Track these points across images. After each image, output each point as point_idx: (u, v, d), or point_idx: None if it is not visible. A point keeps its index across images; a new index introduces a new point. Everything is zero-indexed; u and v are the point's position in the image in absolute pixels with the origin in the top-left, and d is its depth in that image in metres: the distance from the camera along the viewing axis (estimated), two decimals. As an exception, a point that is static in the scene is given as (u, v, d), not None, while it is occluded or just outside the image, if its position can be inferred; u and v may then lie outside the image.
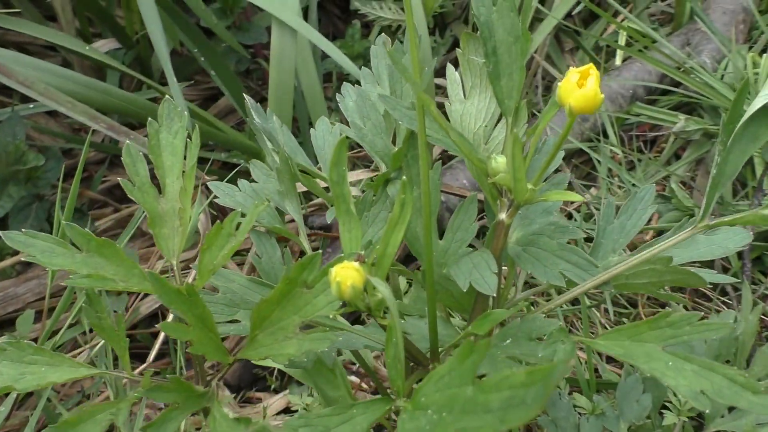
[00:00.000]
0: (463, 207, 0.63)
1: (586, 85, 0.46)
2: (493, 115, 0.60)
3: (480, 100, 0.60)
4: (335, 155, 0.50)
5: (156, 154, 0.56)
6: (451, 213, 1.22)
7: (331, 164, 0.50)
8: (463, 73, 0.61)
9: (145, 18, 1.05)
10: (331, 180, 0.50)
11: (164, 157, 0.56)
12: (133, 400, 0.48)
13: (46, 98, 0.96)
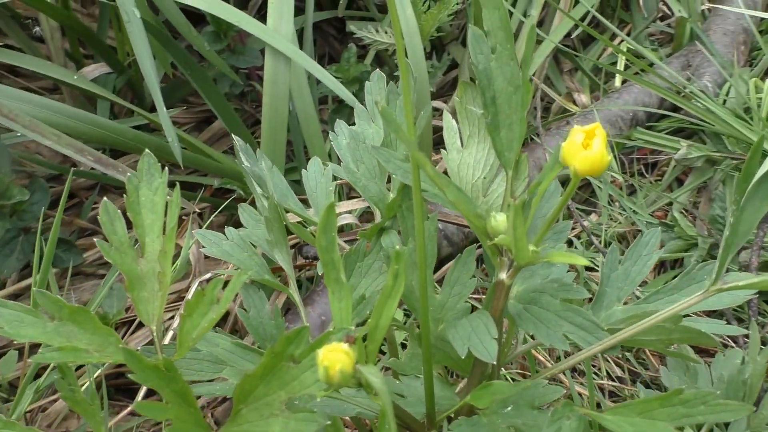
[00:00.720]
0: (461, 260, 0.59)
1: (592, 147, 0.43)
2: (492, 167, 0.57)
3: (478, 150, 0.57)
4: (324, 220, 0.47)
5: (135, 211, 0.53)
6: (448, 241, 1.19)
7: (320, 230, 0.47)
8: (460, 122, 0.58)
9: (134, 47, 1.02)
10: (319, 246, 0.47)
11: (144, 214, 0.53)
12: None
13: (30, 131, 0.93)
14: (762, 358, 0.88)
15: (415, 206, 0.49)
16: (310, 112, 1.23)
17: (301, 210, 0.71)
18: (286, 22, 1.14)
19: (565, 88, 1.57)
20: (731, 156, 1.19)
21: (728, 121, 1.18)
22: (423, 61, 1.23)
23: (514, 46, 0.52)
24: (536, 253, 0.48)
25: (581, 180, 0.55)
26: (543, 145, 1.31)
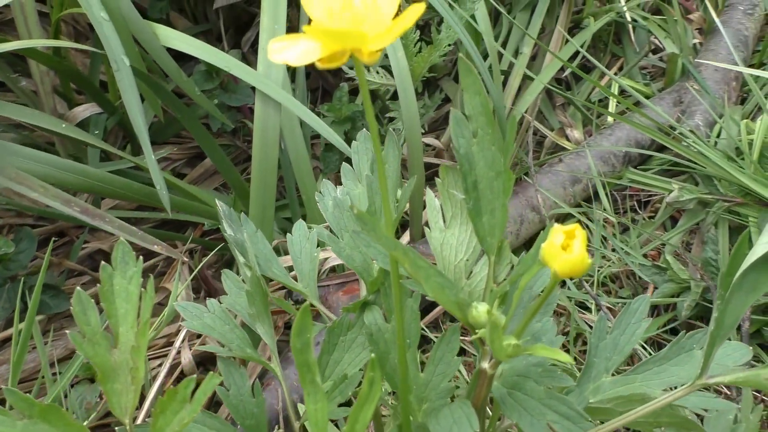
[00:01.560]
0: (445, 338, 0.58)
1: (572, 249, 0.42)
2: (475, 249, 0.56)
3: (461, 231, 0.56)
4: (298, 322, 0.46)
5: (109, 300, 0.52)
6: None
7: (294, 333, 0.46)
8: (443, 203, 0.57)
9: (123, 95, 1.02)
10: (294, 347, 0.46)
11: (118, 303, 0.51)
12: None
13: (17, 183, 0.92)
14: (755, 417, 0.87)
15: (394, 296, 0.48)
16: (301, 151, 1.22)
17: (285, 277, 0.70)
18: (276, 67, 1.13)
19: (558, 122, 1.57)
20: (723, 198, 1.19)
21: (720, 163, 1.17)
22: (414, 103, 1.23)
23: (496, 130, 0.51)
24: (517, 346, 0.47)
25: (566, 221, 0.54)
26: (535, 185, 1.31)
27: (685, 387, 0.51)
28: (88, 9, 1.04)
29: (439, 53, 1.27)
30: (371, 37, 0.37)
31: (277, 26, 1.15)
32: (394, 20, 0.38)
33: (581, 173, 1.37)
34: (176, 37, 1.12)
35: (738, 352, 0.66)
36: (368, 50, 0.38)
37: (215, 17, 1.64)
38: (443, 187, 0.56)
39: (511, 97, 1.47)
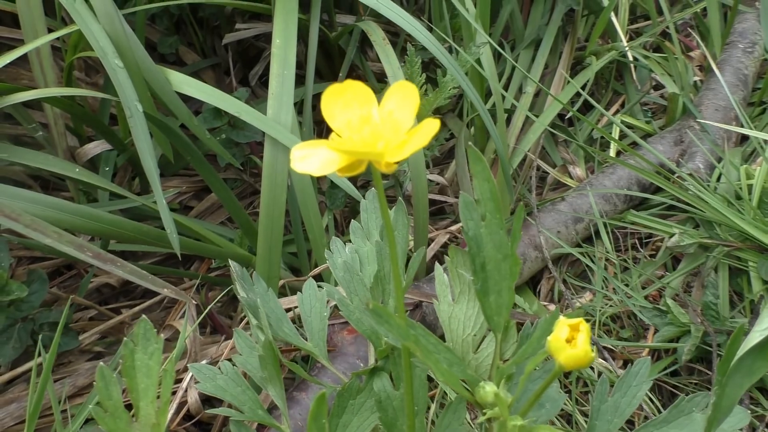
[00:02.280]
0: (452, 407, 0.60)
1: (577, 344, 0.44)
2: (483, 325, 0.58)
3: (469, 307, 0.58)
4: (314, 410, 0.48)
5: (130, 375, 0.54)
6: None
7: (310, 419, 0.48)
8: (452, 280, 0.59)
9: (136, 141, 1.04)
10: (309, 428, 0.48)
11: (138, 378, 0.54)
12: None
13: (32, 230, 0.94)
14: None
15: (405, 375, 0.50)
16: (308, 189, 1.24)
17: (295, 337, 0.72)
18: (285, 111, 1.16)
19: (561, 159, 1.60)
20: (723, 243, 1.21)
21: (719, 208, 1.19)
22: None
23: (503, 216, 0.54)
24: (523, 427, 0.49)
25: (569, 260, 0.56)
26: (537, 226, 1.33)
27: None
28: (103, 57, 1.07)
29: (444, 96, 1.30)
30: (388, 152, 0.40)
31: (287, 72, 1.18)
32: (410, 132, 0.41)
33: (583, 212, 1.40)
34: (187, 82, 1.15)
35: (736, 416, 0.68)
36: (385, 162, 0.40)
37: (224, 51, 1.68)
38: (452, 266, 0.59)
39: (514, 136, 1.49)
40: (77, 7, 1.09)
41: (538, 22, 1.66)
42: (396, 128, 0.41)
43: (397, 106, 0.42)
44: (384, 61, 1.29)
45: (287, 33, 1.21)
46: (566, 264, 1.41)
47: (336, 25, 1.66)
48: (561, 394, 0.72)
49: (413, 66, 1.32)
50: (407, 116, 0.41)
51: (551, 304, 1.33)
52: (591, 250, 1.36)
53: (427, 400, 0.61)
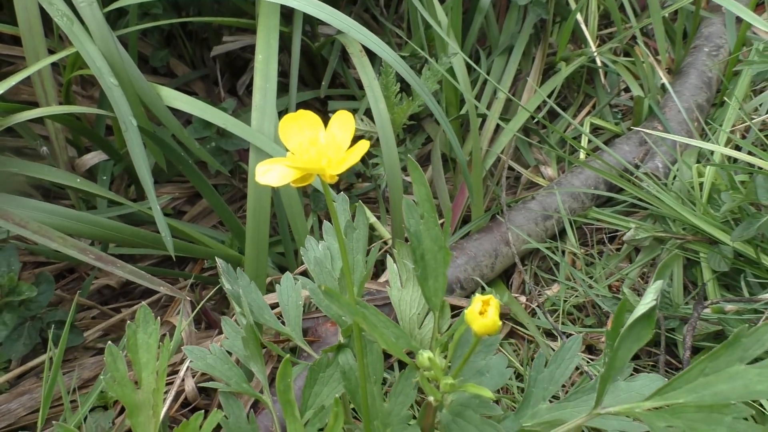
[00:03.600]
0: (404, 375, 0.74)
1: (487, 315, 0.58)
2: (425, 306, 0.72)
3: (414, 291, 0.72)
4: (281, 370, 0.62)
5: (133, 351, 0.68)
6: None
7: (278, 377, 0.62)
8: (399, 269, 0.73)
9: (131, 153, 1.18)
10: (278, 389, 0.62)
11: (140, 354, 0.67)
12: None
13: (39, 236, 1.08)
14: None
15: (356, 348, 0.64)
16: (293, 193, 1.38)
17: (274, 323, 0.86)
18: (268, 122, 1.30)
19: (534, 160, 1.73)
20: (675, 237, 1.35)
21: (672, 205, 1.33)
22: (394, 149, 1.39)
23: (436, 215, 0.68)
24: (453, 385, 0.63)
25: (539, 255, 0.70)
26: (506, 223, 1.47)
27: (583, 416, 0.67)
28: (99, 76, 1.21)
29: (418, 104, 1.44)
30: (329, 167, 0.53)
31: (268, 85, 1.32)
32: (348, 151, 0.55)
33: (552, 210, 1.54)
34: (177, 97, 1.29)
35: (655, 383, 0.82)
36: (329, 174, 0.54)
37: (212, 63, 1.82)
38: (399, 257, 0.73)
39: (487, 139, 1.63)
40: (75, 30, 1.23)
41: (511, 30, 1.80)
42: (337, 148, 0.54)
43: (338, 131, 0.55)
44: (360, 72, 1.43)
45: (269, 48, 1.35)
46: (537, 259, 1.55)
47: (319, 36, 1.81)
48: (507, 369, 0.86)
49: (388, 76, 1.46)
50: (346, 139, 0.55)
51: (522, 296, 1.47)
52: (559, 246, 1.50)
53: (383, 370, 0.75)
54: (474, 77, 1.73)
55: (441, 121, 1.34)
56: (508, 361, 0.92)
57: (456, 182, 1.64)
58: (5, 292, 1.09)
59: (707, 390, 0.62)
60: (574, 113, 1.78)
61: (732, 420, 0.57)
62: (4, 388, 1.22)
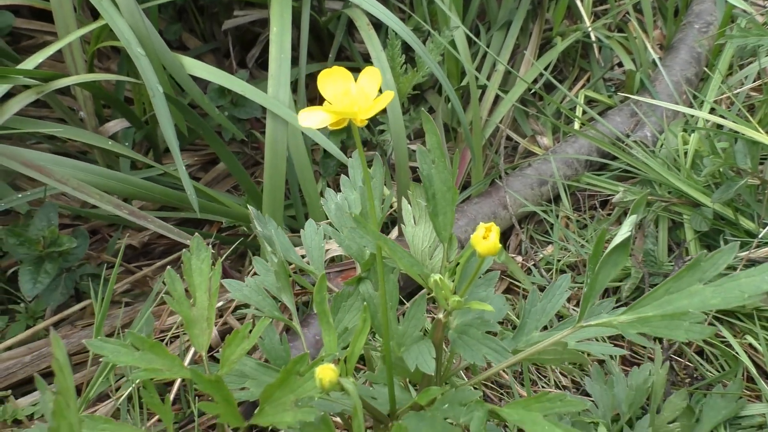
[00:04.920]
0: (416, 302, 0.88)
1: (489, 238, 0.72)
2: (435, 239, 0.86)
3: (426, 227, 0.86)
4: (319, 284, 0.76)
5: (189, 275, 0.81)
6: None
7: (316, 291, 0.76)
8: (413, 208, 0.87)
9: (158, 117, 1.31)
10: (315, 301, 0.76)
11: (194, 277, 0.81)
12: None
13: (78, 192, 1.21)
14: (663, 371, 1.17)
15: (379, 272, 0.78)
16: (304, 159, 1.52)
17: (300, 261, 0.99)
18: (283, 90, 1.43)
19: (531, 130, 1.87)
20: (661, 199, 1.49)
21: (658, 170, 1.47)
22: (400, 117, 1.53)
23: (447, 159, 0.81)
24: (459, 302, 0.77)
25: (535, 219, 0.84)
26: (504, 187, 1.61)
27: (567, 329, 0.81)
28: (127, 45, 1.33)
29: (422, 74, 1.57)
30: (360, 113, 0.67)
31: (283, 55, 1.45)
32: (375, 99, 0.68)
33: (547, 176, 1.68)
34: (198, 66, 1.42)
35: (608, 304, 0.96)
36: (360, 119, 0.67)
37: (223, 36, 1.94)
38: (413, 197, 0.86)
39: (487, 109, 1.77)
40: (104, 4, 1.35)
41: (510, 6, 1.92)
42: (366, 97, 0.67)
43: (366, 83, 0.69)
44: (368, 44, 1.56)
45: (283, 21, 1.47)
46: (533, 222, 1.69)
47: (325, 11, 1.93)
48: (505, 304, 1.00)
49: (394, 48, 1.59)
50: (373, 89, 0.68)
51: (518, 256, 1.62)
52: (553, 210, 1.65)
53: (398, 297, 0.88)
54: (474, 51, 1.86)
55: (445, 87, 1.47)
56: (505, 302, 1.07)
57: (457, 151, 1.78)
58: (47, 243, 1.22)
59: (671, 305, 0.76)
60: (570, 86, 1.91)
61: (689, 324, 0.72)
62: (42, 334, 1.36)
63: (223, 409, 0.74)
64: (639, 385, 1.16)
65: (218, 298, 1.38)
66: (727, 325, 1.39)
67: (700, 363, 1.37)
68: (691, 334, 0.70)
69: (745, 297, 0.72)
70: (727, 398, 1.22)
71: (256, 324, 0.78)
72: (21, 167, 1.16)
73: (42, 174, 1.18)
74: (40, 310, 1.36)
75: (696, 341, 1.37)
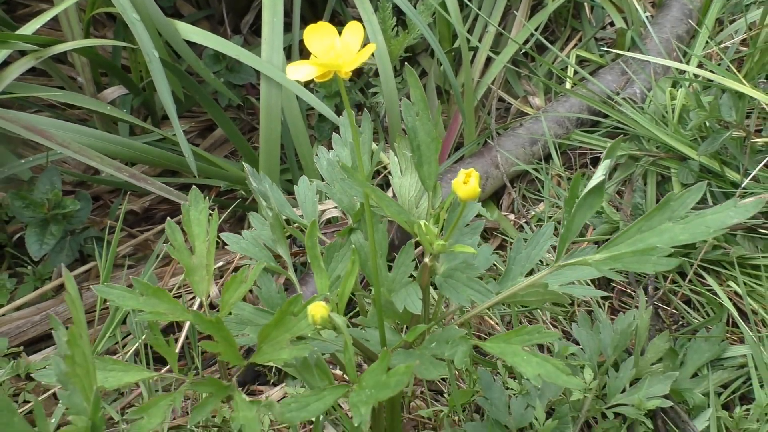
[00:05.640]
0: (404, 250, 0.94)
1: (469, 183, 0.77)
2: (420, 189, 0.91)
3: (411, 177, 0.91)
4: (309, 230, 0.81)
5: (188, 225, 0.87)
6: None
7: (307, 236, 0.81)
8: (399, 160, 0.92)
9: (156, 83, 1.35)
10: (307, 246, 0.81)
11: (193, 227, 0.86)
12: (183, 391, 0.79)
13: (80, 155, 1.26)
14: (646, 315, 1.24)
15: (367, 219, 0.84)
16: (299, 123, 1.56)
17: (294, 216, 1.05)
18: (277, 54, 1.47)
19: (523, 91, 1.91)
20: (648, 154, 1.54)
21: (646, 126, 1.52)
22: (392, 79, 1.57)
23: (430, 112, 0.86)
24: (444, 245, 0.82)
25: (527, 178, 0.89)
26: (496, 147, 1.65)
27: (547, 269, 0.87)
28: (122, 11, 1.37)
29: (413, 36, 1.60)
30: (345, 65, 0.71)
31: (276, 19, 1.48)
32: (358, 53, 0.72)
33: (539, 135, 1.72)
34: (193, 31, 1.46)
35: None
36: (344, 71, 0.72)
37: (217, 3, 1.97)
38: (399, 149, 0.91)
39: (478, 71, 1.80)
40: (98, -30, 1.38)
41: (501, -34, 1.94)
42: (349, 50, 0.72)
43: (350, 37, 0.73)
44: (359, 7, 1.59)
45: (275, -14, 1.50)
46: (525, 181, 1.74)
47: (318, -24, 1.95)
48: (493, 254, 1.06)
49: (385, 11, 1.62)
50: (356, 43, 0.72)
51: (510, 214, 1.67)
52: (545, 168, 1.69)
53: (387, 245, 0.94)
54: (465, 13, 1.89)
55: (435, 49, 1.51)
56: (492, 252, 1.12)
57: (450, 113, 1.82)
58: (52, 206, 1.28)
59: (643, 243, 0.82)
60: (561, 46, 1.94)
61: (657, 258, 0.77)
62: (50, 295, 1.42)
63: (224, 348, 0.80)
64: (624, 329, 1.22)
65: (217, 259, 1.44)
66: (714, 274, 1.45)
67: (686, 311, 1.43)
68: (659, 266, 0.76)
69: (710, 231, 0.77)
70: (710, 341, 1.29)
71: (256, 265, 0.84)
72: (23, 131, 1.21)
73: (44, 138, 1.23)
74: (47, 272, 1.42)
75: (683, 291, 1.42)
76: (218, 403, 0.82)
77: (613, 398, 1.19)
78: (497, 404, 1.15)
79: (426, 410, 1.25)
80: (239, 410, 0.79)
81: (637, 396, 1.17)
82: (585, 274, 0.98)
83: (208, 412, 0.80)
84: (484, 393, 1.16)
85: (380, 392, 0.67)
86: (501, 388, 1.17)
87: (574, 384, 0.75)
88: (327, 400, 0.73)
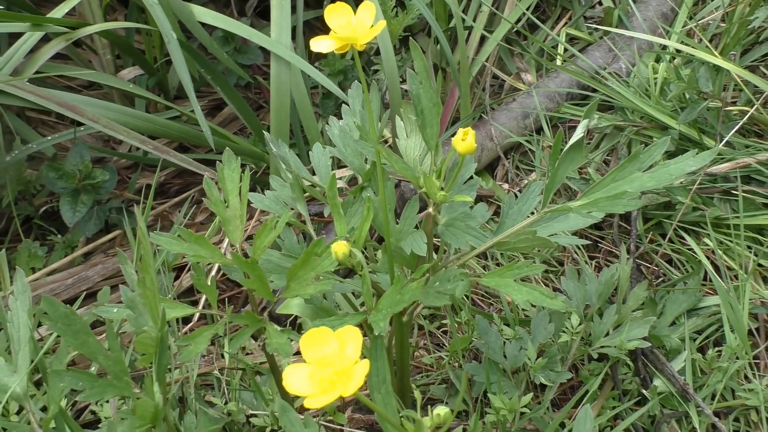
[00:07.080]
0: (410, 204, 1.10)
1: (467, 140, 0.92)
2: (424, 149, 1.06)
3: (416, 138, 1.06)
4: (330, 183, 0.97)
5: (222, 181, 1.02)
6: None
7: (328, 188, 0.97)
8: (405, 123, 1.07)
9: (174, 62, 1.50)
10: (328, 196, 0.97)
11: (227, 183, 1.02)
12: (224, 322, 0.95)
13: (108, 129, 1.41)
14: (627, 267, 1.40)
15: (378, 175, 0.99)
16: (305, 101, 1.71)
17: (310, 178, 1.20)
18: (285, 34, 1.62)
19: (516, 68, 2.06)
20: (632, 124, 1.70)
21: (630, 98, 1.68)
22: (393, 57, 1.72)
23: (432, 80, 1.01)
24: (445, 195, 0.98)
25: (521, 150, 1.04)
26: (490, 121, 1.81)
27: (534, 216, 1.03)
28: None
29: (412, 16, 1.75)
30: (360, 38, 0.86)
31: (284, 2, 1.63)
32: (371, 27, 0.88)
33: (531, 109, 1.88)
34: (207, 13, 1.60)
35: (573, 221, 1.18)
36: (359, 44, 0.87)
37: (223, -13, 2.11)
38: (405, 114, 1.06)
39: (473, 49, 1.96)
40: (118, -43, 1.52)
41: (494, -51, 2.09)
42: (364, 26, 0.87)
43: (364, 15, 0.88)
44: (361, -10, 1.74)
45: (282, -30, 1.65)
46: (518, 152, 1.90)
47: (319, -40, 2.09)
48: (488, 211, 1.22)
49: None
50: (369, 19, 0.88)
51: (504, 184, 1.83)
52: (537, 139, 1.85)
53: (394, 200, 1.09)
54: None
55: (434, 28, 1.66)
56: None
57: (447, 90, 1.97)
58: (82, 176, 1.43)
59: (616, 190, 0.98)
60: (552, 25, 2.10)
61: (627, 201, 0.93)
62: (79, 261, 1.58)
63: (258, 285, 0.96)
64: (607, 280, 1.38)
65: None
66: (693, 234, 1.61)
67: (668, 269, 1.60)
68: (628, 207, 0.92)
69: (672, 178, 0.93)
70: (687, 293, 1.45)
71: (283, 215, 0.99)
72: (57, 107, 1.36)
73: (76, 113, 1.38)
74: (76, 240, 1.57)
75: (665, 249, 1.59)
76: (252, 333, 0.97)
77: (597, 341, 1.35)
78: (494, 347, 1.32)
79: (428, 357, 1.41)
80: (272, 338, 0.95)
81: (619, 338, 1.33)
82: (570, 224, 1.14)
83: (244, 340, 0.96)
84: (482, 338, 1.33)
85: (396, 307, 0.83)
86: (497, 334, 1.33)
87: (557, 305, 0.91)
88: (347, 323, 0.89)
